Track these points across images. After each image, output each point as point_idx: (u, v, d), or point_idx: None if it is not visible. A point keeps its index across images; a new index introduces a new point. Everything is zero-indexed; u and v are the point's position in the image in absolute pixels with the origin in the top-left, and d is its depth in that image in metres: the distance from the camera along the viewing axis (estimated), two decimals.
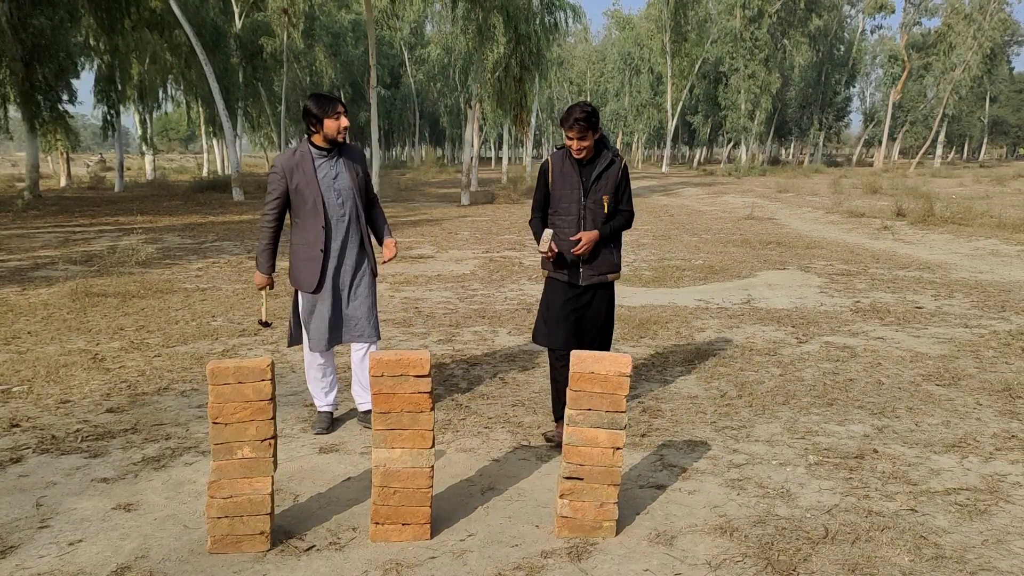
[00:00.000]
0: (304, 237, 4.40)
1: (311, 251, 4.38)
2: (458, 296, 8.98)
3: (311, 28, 38.60)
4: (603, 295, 4.60)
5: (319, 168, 4.36)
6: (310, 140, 4.37)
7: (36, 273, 10.23)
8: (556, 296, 4.57)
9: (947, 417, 4.98)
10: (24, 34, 21.17)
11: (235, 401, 3.15)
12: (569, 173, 4.42)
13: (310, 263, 4.39)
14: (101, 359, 6.15)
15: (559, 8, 28.97)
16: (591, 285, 4.53)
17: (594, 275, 4.51)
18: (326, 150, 4.37)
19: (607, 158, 4.42)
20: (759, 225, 17.74)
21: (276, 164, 4.37)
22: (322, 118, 4.26)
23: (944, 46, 52.89)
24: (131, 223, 16.65)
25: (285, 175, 4.32)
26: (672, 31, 46.83)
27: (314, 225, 4.36)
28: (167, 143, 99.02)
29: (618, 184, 4.44)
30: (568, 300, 4.53)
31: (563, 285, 4.54)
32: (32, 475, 3.99)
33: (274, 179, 4.36)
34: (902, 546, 3.30)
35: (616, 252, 4.60)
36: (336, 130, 4.30)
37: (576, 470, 3.32)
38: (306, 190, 4.31)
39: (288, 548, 3.27)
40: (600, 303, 4.59)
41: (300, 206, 4.36)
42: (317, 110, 4.25)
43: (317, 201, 4.32)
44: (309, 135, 4.37)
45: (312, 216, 4.35)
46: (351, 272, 4.51)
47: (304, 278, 4.42)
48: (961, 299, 8.92)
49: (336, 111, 4.28)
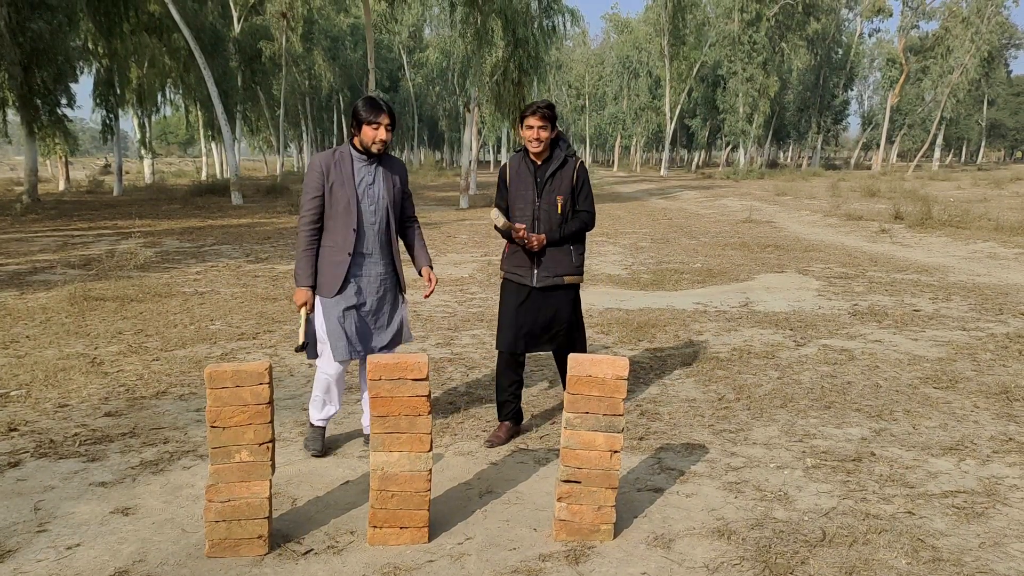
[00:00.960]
0: (333, 240, 4.19)
1: (338, 255, 4.17)
2: (456, 300, 8.98)
3: (310, 32, 38.70)
4: (561, 299, 4.51)
5: (357, 171, 4.20)
6: (351, 142, 4.23)
7: (34, 277, 10.22)
8: (509, 297, 4.54)
9: (944, 420, 4.98)
10: (23, 38, 21.19)
11: (233, 405, 3.16)
12: (524, 174, 4.45)
13: (335, 267, 4.17)
14: (99, 363, 6.15)
15: (557, 12, 28.99)
16: (546, 287, 4.46)
17: (548, 276, 4.44)
18: (366, 155, 4.21)
19: (560, 158, 4.42)
20: (757, 228, 17.76)
21: (315, 161, 4.20)
22: (362, 123, 4.10)
23: (942, 49, 52.98)
24: (130, 227, 16.65)
25: (323, 173, 4.14)
26: (670, 35, 46.97)
27: (345, 228, 4.16)
28: (166, 147, 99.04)
29: (574, 185, 4.44)
30: (521, 303, 4.48)
31: (516, 287, 4.51)
32: (30, 479, 3.99)
33: (313, 176, 4.16)
34: (899, 549, 3.30)
35: (576, 254, 4.53)
36: (372, 139, 4.11)
37: (574, 473, 3.33)
38: (340, 191, 4.14)
39: (286, 552, 3.27)
40: (557, 308, 4.51)
41: (332, 207, 4.16)
42: (363, 113, 4.09)
43: (351, 203, 4.14)
44: (351, 137, 4.23)
45: (344, 218, 4.15)
46: (376, 284, 4.30)
47: (326, 281, 4.19)
48: (959, 302, 8.93)
49: (377, 120, 4.08)
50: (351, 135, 4.22)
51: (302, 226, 4.19)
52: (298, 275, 4.22)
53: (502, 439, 4.53)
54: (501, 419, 4.66)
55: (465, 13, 24.70)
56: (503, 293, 4.61)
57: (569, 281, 4.50)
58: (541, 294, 4.47)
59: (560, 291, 4.50)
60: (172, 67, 30.66)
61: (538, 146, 4.35)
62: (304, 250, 4.18)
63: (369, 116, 4.07)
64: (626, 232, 16.59)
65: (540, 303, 4.48)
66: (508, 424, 4.63)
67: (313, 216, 4.17)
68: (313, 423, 4.43)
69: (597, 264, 11.96)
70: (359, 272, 4.24)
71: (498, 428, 4.62)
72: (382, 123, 4.08)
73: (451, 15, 26.95)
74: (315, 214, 4.17)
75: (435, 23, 50.03)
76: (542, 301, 4.48)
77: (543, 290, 4.47)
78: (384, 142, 4.13)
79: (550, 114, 4.31)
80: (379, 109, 4.09)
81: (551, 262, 4.44)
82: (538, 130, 4.30)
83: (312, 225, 4.18)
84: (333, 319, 4.19)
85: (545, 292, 4.47)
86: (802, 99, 63.06)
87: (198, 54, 22.63)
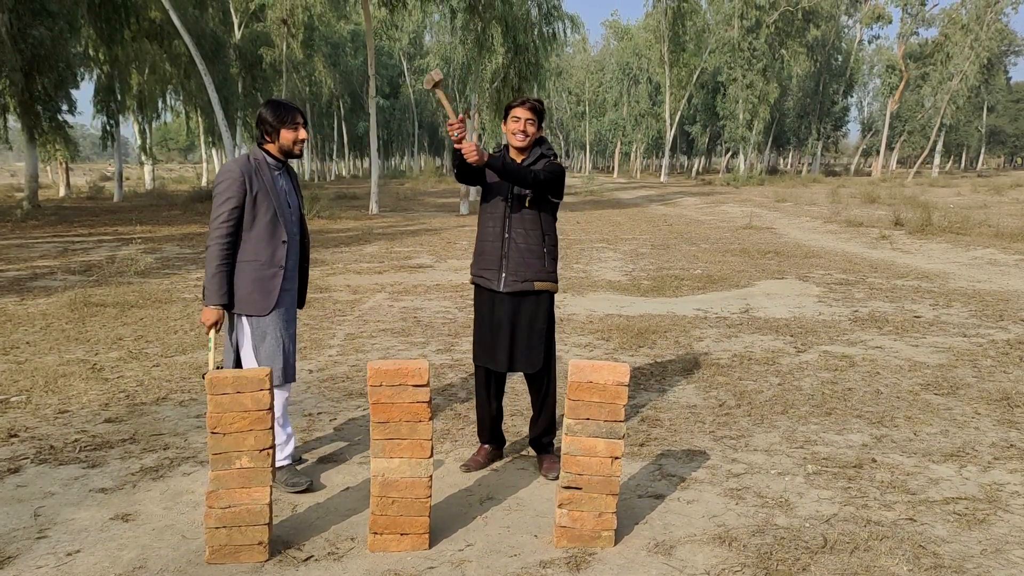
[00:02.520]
0: (256, 254, 3.86)
1: (265, 269, 3.87)
2: (457, 306, 8.98)
3: (310, 38, 38.73)
4: (533, 308, 4.10)
5: (275, 180, 3.93)
6: (264, 148, 3.95)
7: (35, 283, 10.23)
8: (482, 308, 4.19)
9: (945, 426, 4.98)
10: (24, 44, 21.24)
11: (233, 411, 3.15)
12: None
13: (264, 282, 3.87)
14: (100, 369, 6.15)
15: (558, 18, 29.05)
16: (514, 293, 4.06)
17: (516, 281, 4.04)
18: (280, 162, 3.98)
19: (536, 153, 4.12)
20: (757, 235, 17.76)
21: (232, 168, 3.84)
22: (279, 127, 3.87)
23: (941, 56, 53.08)
24: (130, 233, 16.66)
25: (244, 181, 3.81)
26: (670, 41, 47.02)
27: (272, 239, 3.88)
28: (166, 153, 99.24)
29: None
30: (491, 311, 4.12)
31: (487, 294, 4.14)
32: (30, 485, 3.99)
33: (231, 185, 3.79)
34: (901, 556, 3.30)
35: (548, 259, 4.12)
36: (293, 141, 3.91)
37: (575, 480, 3.32)
38: (265, 200, 3.85)
39: (286, 558, 3.26)
40: (529, 318, 4.09)
41: (256, 218, 3.84)
42: (273, 119, 3.87)
43: (278, 213, 3.88)
44: (260, 143, 3.95)
45: (270, 230, 3.87)
46: (291, 300, 4.05)
47: (255, 299, 3.86)
48: (959, 308, 8.93)
49: (295, 121, 3.90)
50: (260, 142, 3.95)
51: (217, 238, 3.80)
52: (210, 291, 3.82)
53: (480, 463, 4.27)
54: (481, 441, 4.38)
55: (465, 20, 24.77)
56: (474, 300, 4.27)
57: (540, 287, 4.08)
58: (510, 301, 4.07)
59: (531, 298, 4.09)
60: (173, 73, 30.70)
61: (523, 139, 4.04)
62: (218, 265, 3.80)
63: (286, 118, 3.88)
64: (626, 238, 16.59)
65: (509, 312, 4.08)
66: (488, 448, 4.35)
67: (230, 228, 3.81)
68: (289, 460, 4.06)
69: (597, 270, 11.96)
70: (288, 287, 3.99)
71: (477, 452, 4.36)
72: (299, 123, 3.92)
73: (451, 22, 27.03)
74: (232, 226, 3.81)
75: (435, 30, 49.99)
76: (511, 309, 4.08)
77: (513, 297, 4.07)
78: (304, 140, 3.97)
79: (539, 107, 4.06)
80: (292, 109, 3.93)
81: (520, 264, 4.04)
82: (525, 123, 4.02)
83: (228, 238, 3.81)
84: (271, 339, 3.91)
85: (516, 300, 4.08)
86: (802, 105, 63.16)
87: (199, 60, 22.66)
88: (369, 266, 12.26)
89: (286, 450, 4.04)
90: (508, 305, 4.08)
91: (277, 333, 3.93)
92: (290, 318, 4.02)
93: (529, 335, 4.11)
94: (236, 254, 3.87)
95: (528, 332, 4.11)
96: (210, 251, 3.83)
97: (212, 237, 3.82)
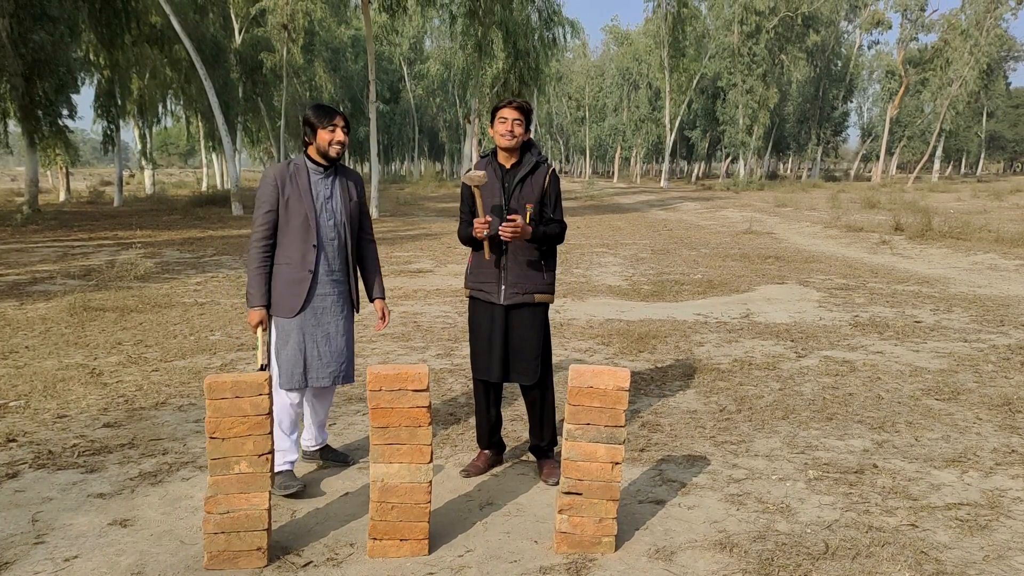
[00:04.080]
0: (289, 256, 3.95)
1: (297, 272, 3.95)
2: (457, 311, 8.97)
3: (311, 43, 38.80)
4: (530, 319, 4.11)
5: (314, 184, 4.00)
6: (306, 153, 4.05)
7: (34, 287, 10.22)
8: (478, 318, 4.18)
9: (947, 432, 4.96)
10: (24, 49, 21.25)
11: (232, 416, 3.14)
12: (491, 179, 4.07)
13: (294, 285, 3.94)
14: (99, 374, 6.13)
15: (558, 24, 29.13)
16: (514, 305, 4.08)
17: (516, 293, 4.06)
18: (323, 167, 4.03)
19: (531, 162, 4.07)
20: (757, 240, 17.76)
21: (268, 173, 3.97)
22: (316, 128, 3.93)
23: (941, 61, 53.13)
24: (130, 237, 16.65)
25: (278, 185, 3.92)
26: (670, 46, 47.07)
27: (303, 243, 3.95)
28: (166, 158, 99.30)
29: (544, 191, 4.07)
30: (494, 325, 4.10)
31: (485, 306, 4.14)
32: (28, 490, 3.97)
33: (267, 189, 3.93)
34: (903, 562, 3.28)
35: (547, 271, 4.14)
36: (328, 142, 3.94)
37: (575, 485, 3.31)
38: (297, 204, 3.93)
39: (285, 564, 3.25)
40: (525, 328, 4.10)
41: (288, 222, 3.94)
42: (314, 119, 3.93)
43: (309, 216, 3.94)
44: (305, 147, 4.05)
45: (302, 233, 3.94)
46: (334, 304, 4.06)
47: (284, 301, 3.95)
48: (960, 313, 8.92)
49: (332, 123, 3.93)
50: (305, 145, 4.03)
51: (254, 242, 3.96)
52: (251, 295, 3.96)
53: (480, 468, 4.27)
54: (481, 447, 4.39)
55: (466, 25, 24.82)
56: (470, 314, 4.25)
57: (540, 299, 4.11)
58: (510, 313, 4.08)
59: (528, 310, 4.10)
60: (173, 78, 30.76)
61: (511, 140, 3.98)
62: (256, 267, 3.94)
63: (323, 120, 3.93)
64: (626, 243, 16.59)
65: (509, 323, 4.09)
66: (488, 453, 4.36)
67: (266, 231, 3.94)
68: (287, 464, 4.06)
69: (597, 275, 11.95)
70: (321, 291, 4.01)
71: (477, 457, 4.36)
72: (337, 124, 3.95)
73: (452, 27, 27.09)
74: (268, 229, 3.94)
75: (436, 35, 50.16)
76: (512, 322, 4.09)
77: (511, 309, 4.08)
78: (342, 143, 3.97)
79: (527, 107, 4.02)
80: (332, 112, 3.96)
81: (520, 277, 4.05)
82: (512, 123, 3.96)
83: (265, 241, 3.94)
84: (293, 343, 3.96)
85: (513, 311, 4.09)
86: (802, 111, 63.23)
87: (199, 65, 22.69)
88: None
89: (289, 456, 4.05)
90: (506, 317, 4.09)
91: (300, 338, 3.97)
92: (320, 323, 4.02)
93: (526, 346, 4.12)
94: (272, 256, 4.00)
95: (525, 343, 4.12)
96: (249, 255, 4.00)
97: (251, 241, 3.99)
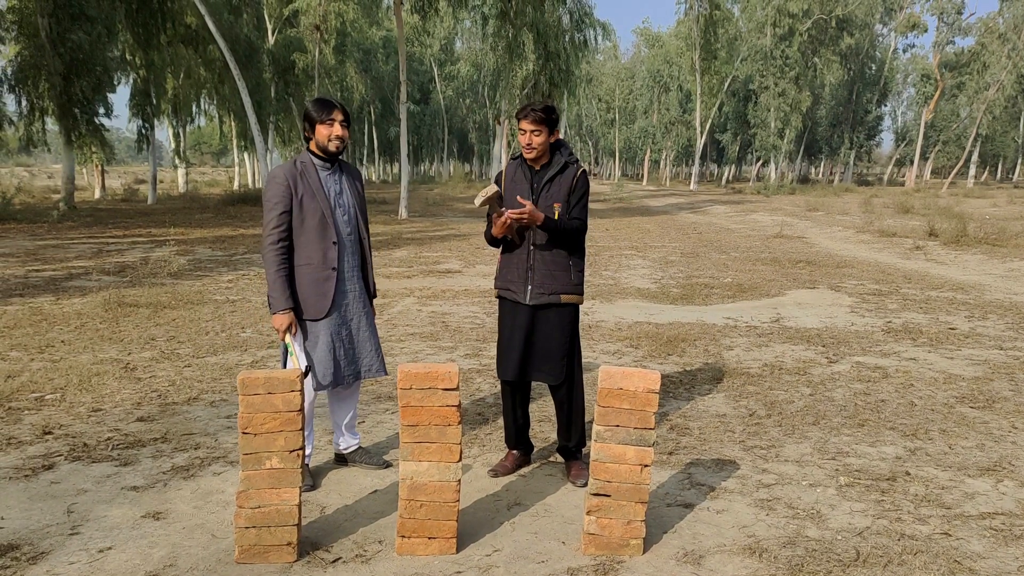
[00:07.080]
0: (309, 257, 3.90)
1: (320, 272, 3.91)
2: (485, 311, 8.98)
3: (342, 44, 39.06)
4: (556, 319, 4.09)
5: (324, 180, 3.95)
6: (309, 149, 3.98)
7: (70, 283, 10.38)
8: (505, 319, 4.18)
9: (981, 440, 4.88)
10: (63, 48, 21.65)
11: (264, 412, 3.17)
12: (520, 180, 4.11)
13: (319, 284, 3.91)
14: (132, 368, 6.22)
15: (589, 26, 29.07)
16: (541, 306, 4.07)
17: (543, 294, 4.04)
18: (327, 162, 3.98)
19: (559, 163, 4.07)
20: (788, 244, 17.60)
21: (276, 174, 3.87)
22: (315, 123, 3.87)
23: (978, 65, 52.34)
24: (163, 235, 16.88)
25: (290, 185, 3.84)
26: (702, 49, 46.83)
27: (322, 242, 3.90)
28: (199, 156, 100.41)
29: (571, 191, 4.05)
30: (516, 324, 4.10)
31: (511, 306, 4.14)
32: (63, 482, 4.04)
33: (279, 190, 3.84)
34: (936, 571, 3.24)
35: (575, 270, 4.13)
36: (327, 137, 3.87)
37: (604, 487, 3.30)
38: (311, 203, 3.87)
39: (315, 560, 3.27)
40: (551, 328, 4.09)
41: (304, 221, 3.88)
42: (312, 112, 3.88)
43: (326, 214, 3.89)
44: (307, 142, 3.98)
45: (319, 232, 3.89)
46: (355, 300, 4.07)
47: (312, 302, 3.90)
48: (995, 321, 8.78)
49: (331, 117, 3.86)
50: (306, 141, 3.97)
51: (268, 245, 3.86)
52: (274, 299, 3.87)
53: (508, 468, 4.29)
54: (508, 447, 4.41)
55: (497, 26, 24.87)
56: (499, 314, 4.25)
57: (566, 300, 4.08)
58: (536, 314, 4.07)
59: (554, 311, 4.08)
60: (207, 78, 31.16)
61: (532, 152, 4.02)
62: (276, 270, 3.85)
63: (320, 113, 3.87)
64: (656, 246, 16.51)
65: (535, 324, 4.09)
66: (516, 453, 4.37)
67: (282, 233, 3.86)
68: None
69: (626, 277, 11.92)
70: (344, 288, 4.01)
71: (505, 457, 4.38)
72: (336, 118, 3.88)
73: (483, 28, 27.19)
74: (283, 231, 3.86)
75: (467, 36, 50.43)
76: (537, 322, 4.09)
77: (538, 309, 4.07)
78: (341, 139, 3.90)
79: (544, 117, 3.96)
80: (330, 105, 3.90)
81: (547, 277, 4.04)
82: (530, 135, 3.97)
83: (282, 243, 3.86)
84: (323, 343, 3.94)
85: (540, 311, 4.08)
86: (834, 114, 62.58)
87: (233, 65, 22.93)
88: (398, 270, 12.31)
89: (309, 448, 4.10)
90: (531, 316, 4.08)
91: (329, 339, 3.95)
92: (344, 320, 4.03)
93: (550, 346, 4.11)
94: (290, 256, 3.91)
95: (549, 343, 4.10)
96: (266, 259, 3.89)
97: (265, 245, 3.88)
